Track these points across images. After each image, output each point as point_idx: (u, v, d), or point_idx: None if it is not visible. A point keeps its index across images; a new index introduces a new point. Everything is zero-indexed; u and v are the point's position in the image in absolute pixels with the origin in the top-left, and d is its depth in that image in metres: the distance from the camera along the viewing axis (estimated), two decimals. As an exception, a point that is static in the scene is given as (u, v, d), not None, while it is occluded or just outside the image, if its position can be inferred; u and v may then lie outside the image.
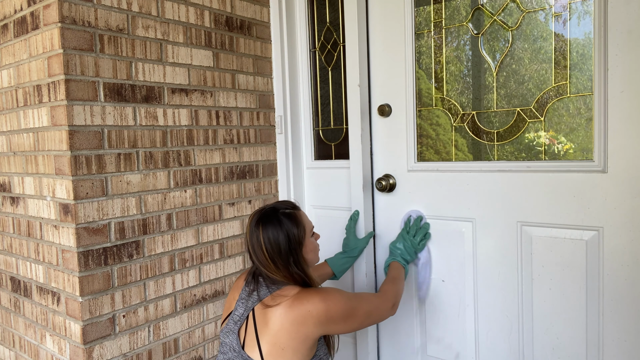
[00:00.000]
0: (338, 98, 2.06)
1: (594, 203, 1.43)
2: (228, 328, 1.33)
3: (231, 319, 1.33)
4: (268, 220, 1.31)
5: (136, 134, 1.59)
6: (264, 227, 1.30)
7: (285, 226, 1.30)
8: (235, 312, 1.33)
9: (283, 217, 1.32)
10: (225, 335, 1.33)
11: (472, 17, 1.66)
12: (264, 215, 1.32)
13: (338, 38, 2.04)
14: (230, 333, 1.32)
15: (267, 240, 1.29)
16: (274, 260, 1.29)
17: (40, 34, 1.46)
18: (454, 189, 1.71)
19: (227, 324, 1.34)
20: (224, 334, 1.34)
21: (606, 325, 1.44)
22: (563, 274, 1.50)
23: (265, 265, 1.30)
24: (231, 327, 1.32)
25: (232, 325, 1.32)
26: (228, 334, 1.32)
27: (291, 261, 1.30)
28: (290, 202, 1.39)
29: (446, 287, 1.76)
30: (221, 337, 1.35)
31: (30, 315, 1.69)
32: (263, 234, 1.29)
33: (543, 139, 1.54)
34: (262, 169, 2.07)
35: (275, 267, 1.29)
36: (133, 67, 1.58)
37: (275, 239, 1.29)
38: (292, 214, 1.34)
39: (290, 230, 1.30)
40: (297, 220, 1.33)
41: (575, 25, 1.46)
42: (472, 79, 1.69)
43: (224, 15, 1.89)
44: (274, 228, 1.30)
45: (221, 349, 1.34)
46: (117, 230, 1.54)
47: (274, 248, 1.29)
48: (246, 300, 1.32)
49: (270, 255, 1.29)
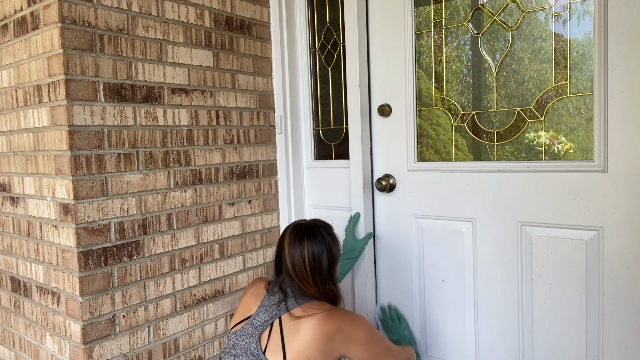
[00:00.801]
0: (338, 98, 2.06)
1: (594, 203, 1.43)
2: (245, 331, 1.33)
3: (250, 324, 1.33)
4: (312, 235, 1.34)
5: (136, 134, 1.59)
6: (309, 242, 1.33)
7: (327, 243, 1.35)
8: (256, 318, 1.33)
9: (326, 234, 1.36)
10: (241, 338, 1.33)
11: (472, 17, 1.66)
12: (309, 230, 1.35)
13: (338, 38, 2.04)
14: (247, 337, 1.31)
15: (312, 255, 1.32)
16: (314, 275, 1.32)
17: (40, 34, 1.46)
18: (454, 189, 1.71)
19: (245, 328, 1.34)
20: (239, 337, 1.33)
21: (606, 325, 1.44)
22: (563, 274, 1.50)
23: (303, 279, 1.32)
24: (249, 331, 1.32)
25: (251, 330, 1.31)
26: (245, 337, 1.32)
27: (328, 277, 1.34)
28: (323, 221, 1.42)
29: (446, 287, 1.76)
30: (233, 339, 1.34)
31: (30, 315, 1.69)
32: (308, 248, 1.32)
33: (543, 139, 1.54)
34: (262, 169, 2.07)
35: (313, 281, 1.32)
36: (133, 67, 1.58)
37: (319, 255, 1.32)
38: (332, 231, 1.39)
39: (330, 248, 1.35)
40: (335, 238, 1.39)
41: (575, 25, 1.46)
42: (472, 79, 1.69)
43: (224, 15, 1.89)
44: (317, 244, 1.33)
45: (232, 350, 1.33)
46: (117, 230, 1.54)
47: (316, 263, 1.32)
48: (271, 309, 1.33)
49: (311, 269, 1.32)
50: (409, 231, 1.83)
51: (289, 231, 1.37)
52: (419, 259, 1.82)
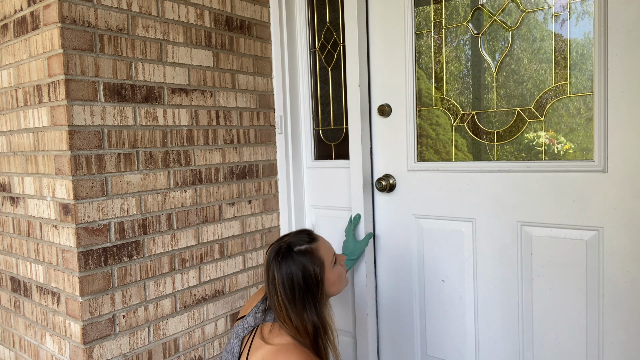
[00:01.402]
0: (338, 98, 2.06)
1: (594, 203, 1.43)
2: (236, 330, 1.34)
3: (241, 324, 1.34)
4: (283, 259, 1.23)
5: (136, 134, 1.59)
6: (279, 267, 1.23)
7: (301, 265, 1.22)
8: (246, 319, 1.34)
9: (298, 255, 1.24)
10: (233, 337, 1.35)
11: (472, 17, 1.66)
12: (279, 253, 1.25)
13: (338, 38, 2.04)
14: (236, 337, 1.33)
15: (282, 284, 1.22)
16: (286, 307, 1.21)
17: (40, 34, 1.46)
18: (454, 189, 1.71)
19: (237, 326, 1.35)
20: (233, 334, 1.35)
21: (606, 325, 1.44)
22: (563, 274, 1.50)
23: (277, 309, 1.23)
24: (239, 332, 1.33)
25: (240, 331, 1.32)
26: (234, 336, 1.34)
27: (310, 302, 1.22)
28: (305, 234, 1.31)
29: (446, 287, 1.76)
30: (229, 335, 1.37)
31: (30, 315, 1.69)
32: (278, 274, 1.23)
33: (543, 139, 1.54)
34: (262, 169, 2.07)
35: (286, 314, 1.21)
36: (133, 67, 1.58)
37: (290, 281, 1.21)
38: (308, 250, 1.25)
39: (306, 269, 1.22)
40: (314, 257, 1.25)
41: (575, 26, 1.46)
42: (472, 79, 1.69)
43: (224, 15, 1.89)
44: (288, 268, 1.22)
45: (227, 346, 1.36)
46: (117, 230, 1.54)
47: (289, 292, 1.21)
48: (258, 314, 1.31)
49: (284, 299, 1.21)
50: (409, 231, 1.83)
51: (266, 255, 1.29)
52: (419, 259, 1.82)
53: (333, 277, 1.30)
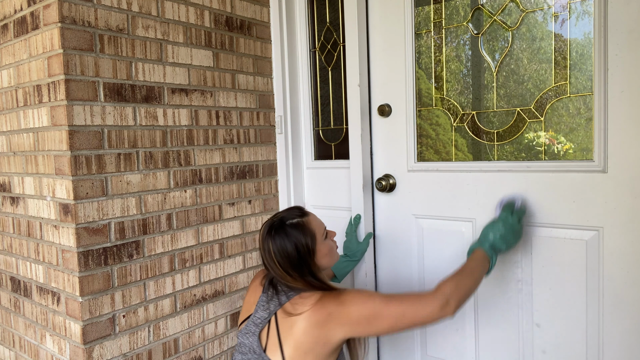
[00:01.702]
0: (338, 98, 2.06)
1: (594, 203, 1.43)
2: (248, 329, 1.34)
3: (251, 321, 1.34)
4: (276, 233, 1.31)
5: (136, 134, 1.59)
6: (273, 240, 1.31)
7: (293, 238, 1.30)
8: (255, 315, 1.34)
9: (290, 228, 1.31)
10: (245, 337, 1.34)
11: (472, 17, 1.66)
12: (272, 228, 1.33)
13: (338, 38, 2.04)
14: (250, 335, 1.32)
15: (278, 254, 1.30)
16: (288, 272, 1.30)
17: (40, 34, 1.46)
18: (454, 189, 1.71)
19: (247, 326, 1.35)
20: (243, 335, 1.34)
21: (606, 325, 1.44)
22: (563, 274, 1.50)
23: (282, 277, 1.31)
24: (252, 329, 1.32)
25: (253, 328, 1.32)
26: (248, 336, 1.33)
27: (305, 271, 1.30)
28: (297, 210, 1.39)
29: (446, 287, 1.76)
30: (239, 337, 1.36)
31: (30, 315, 1.69)
32: (272, 247, 1.31)
33: (543, 139, 1.54)
34: (262, 169, 2.07)
35: (291, 277, 1.30)
36: (133, 67, 1.58)
37: (285, 252, 1.29)
38: (299, 223, 1.32)
39: (298, 241, 1.30)
40: (304, 229, 1.32)
41: (575, 25, 1.46)
42: (472, 79, 1.69)
43: (224, 15, 1.89)
44: (282, 240, 1.30)
45: (239, 349, 1.35)
46: (117, 230, 1.54)
47: (285, 260, 1.29)
48: (267, 304, 1.33)
49: (283, 267, 1.30)
50: (409, 231, 1.84)
51: (260, 230, 1.37)
52: (419, 259, 1.82)
53: (324, 249, 1.36)
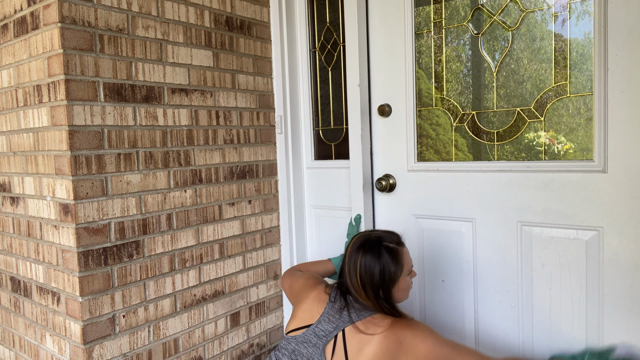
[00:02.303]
0: (338, 98, 2.06)
1: (594, 203, 1.43)
2: (306, 339, 1.31)
3: (312, 332, 1.31)
4: (370, 249, 1.31)
5: (136, 134, 1.59)
6: (364, 254, 1.31)
7: (383, 260, 1.30)
8: (318, 326, 1.32)
9: (385, 250, 1.31)
10: (302, 345, 1.31)
11: (472, 17, 1.66)
12: (367, 242, 1.32)
13: (338, 38, 2.04)
14: (310, 345, 1.30)
15: (363, 268, 1.30)
16: (365, 288, 1.30)
17: (40, 34, 1.46)
18: (454, 189, 1.71)
19: (306, 335, 1.32)
20: (300, 344, 1.31)
21: (606, 325, 1.44)
22: (563, 274, 1.50)
23: (356, 290, 1.31)
24: (312, 340, 1.30)
25: (315, 339, 1.30)
26: (307, 345, 1.30)
27: (380, 295, 1.30)
28: (396, 236, 1.38)
29: (446, 287, 1.76)
30: (293, 344, 1.32)
31: (30, 315, 1.69)
32: (361, 260, 1.30)
33: (543, 139, 1.54)
34: (262, 169, 2.07)
35: (365, 294, 1.30)
36: (133, 67, 1.58)
37: (371, 270, 1.29)
38: (394, 250, 1.33)
39: (387, 266, 1.30)
40: (397, 258, 1.32)
41: (575, 25, 1.46)
42: (472, 79, 1.69)
43: (224, 15, 1.89)
44: (372, 258, 1.30)
45: (292, 355, 1.32)
46: (117, 230, 1.54)
47: (367, 277, 1.29)
48: (334, 318, 1.31)
49: (362, 282, 1.30)
50: (409, 231, 1.83)
51: (354, 238, 1.37)
52: (419, 259, 1.82)
53: (404, 285, 1.36)
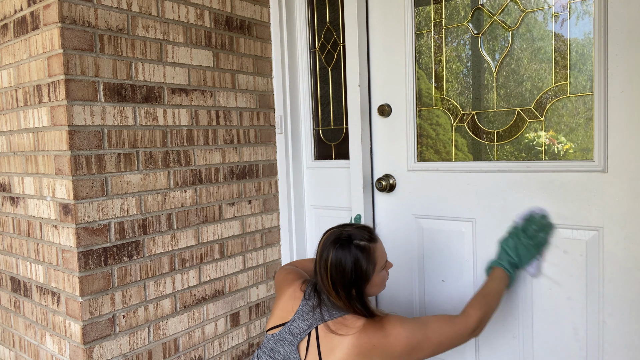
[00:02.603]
0: (338, 98, 2.06)
1: (594, 203, 1.43)
2: (282, 337, 1.31)
3: (287, 330, 1.31)
4: (340, 247, 1.27)
5: (136, 134, 1.59)
6: (335, 252, 1.27)
7: (354, 259, 1.26)
8: (293, 324, 1.31)
9: (356, 249, 1.27)
10: (279, 343, 1.31)
11: (472, 17, 1.66)
12: (337, 241, 1.29)
13: (338, 38, 2.04)
14: (286, 343, 1.30)
15: (334, 269, 1.26)
16: (336, 288, 1.26)
17: (40, 34, 1.46)
18: (454, 189, 1.71)
19: (282, 333, 1.32)
20: (277, 341, 1.32)
21: (606, 325, 1.44)
22: (563, 274, 1.50)
23: (327, 290, 1.28)
24: (288, 338, 1.30)
25: (290, 337, 1.30)
26: (283, 343, 1.30)
27: (352, 294, 1.27)
28: (367, 232, 1.34)
29: (446, 287, 1.76)
30: (271, 342, 1.32)
31: (30, 315, 1.69)
32: (332, 260, 1.27)
33: (543, 139, 1.54)
34: (262, 169, 2.07)
35: (336, 294, 1.27)
36: (133, 67, 1.58)
37: (342, 270, 1.25)
38: (366, 248, 1.29)
39: (359, 265, 1.26)
40: (369, 256, 1.29)
41: (575, 25, 1.46)
42: (472, 79, 1.69)
43: (224, 15, 1.89)
44: (343, 257, 1.26)
45: (270, 353, 1.32)
46: (117, 230, 1.54)
47: (338, 278, 1.26)
48: (308, 315, 1.31)
49: (333, 282, 1.26)
50: (409, 231, 1.84)
51: (325, 236, 1.34)
52: (419, 259, 1.82)
53: (378, 280, 1.33)
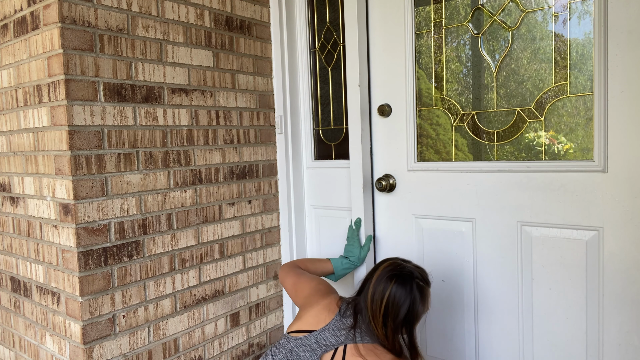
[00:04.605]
0: (338, 98, 2.06)
1: (594, 203, 1.43)
2: (307, 343, 1.32)
3: (314, 338, 1.32)
4: (402, 282, 1.28)
5: (136, 134, 1.59)
6: (396, 285, 1.27)
7: (413, 297, 1.27)
8: (321, 334, 1.32)
9: (416, 288, 1.28)
10: (301, 348, 1.31)
11: (472, 17, 1.66)
12: (401, 275, 1.29)
13: (338, 38, 2.04)
14: (309, 350, 1.30)
15: (392, 300, 1.26)
16: (385, 319, 1.27)
17: (40, 34, 1.46)
18: (454, 189, 1.71)
19: (307, 339, 1.32)
20: (300, 345, 1.32)
21: (606, 325, 1.44)
22: (563, 274, 1.50)
23: (374, 317, 1.28)
24: (312, 346, 1.31)
25: (314, 346, 1.30)
26: (306, 350, 1.31)
27: (401, 330, 1.28)
28: (425, 273, 1.36)
29: (446, 287, 1.76)
30: (292, 344, 1.33)
31: (30, 315, 1.69)
32: (391, 291, 1.27)
33: (543, 139, 1.54)
34: (262, 169, 2.07)
35: (383, 324, 1.27)
36: (133, 67, 1.58)
37: (399, 304, 1.26)
38: (425, 290, 1.31)
39: (415, 304, 1.27)
40: (425, 297, 1.31)
41: (575, 25, 1.46)
42: (472, 79, 1.69)
43: (224, 15, 1.89)
44: (404, 293, 1.27)
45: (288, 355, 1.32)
46: (117, 230, 1.54)
47: (393, 310, 1.26)
48: (339, 331, 1.31)
49: (385, 313, 1.26)
50: (409, 231, 1.84)
51: (386, 263, 1.34)
52: (419, 259, 1.82)
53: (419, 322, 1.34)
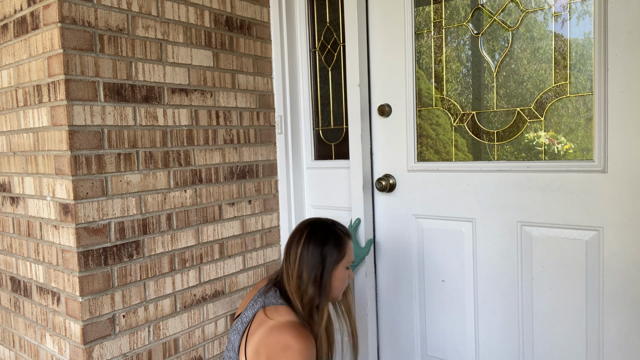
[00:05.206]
0: (338, 98, 2.06)
1: (594, 203, 1.43)
2: (235, 327, 1.37)
3: (240, 320, 1.37)
4: (319, 227, 1.34)
5: (136, 134, 1.59)
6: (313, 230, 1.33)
7: (331, 240, 1.33)
8: (245, 313, 1.37)
9: (332, 234, 1.34)
10: (232, 333, 1.37)
11: (472, 17, 1.66)
12: (319, 222, 1.36)
13: (338, 38, 2.04)
14: (236, 332, 1.35)
15: (307, 245, 1.31)
16: (301, 269, 1.30)
17: (40, 34, 1.46)
18: (454, 189, 1.71)
19: (236, 324, 1.38)
20: (232, 332, 1.38)
21: (606, 325, 1.44)
22: (563, 274, 1.50)
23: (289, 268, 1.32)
24: (238, 327, 1.35)
25: (240, 326, 1.35)
26: (234, 333, 1.36)
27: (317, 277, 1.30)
28: (345, 228, 1.41)
29: (446, 287, 1.76)
30: (230, 335, 1.39)
31: (30, 315, 1.69)
32: (307, 236, 1.32)
33: (543, 139, 1.54)
34: (262, 169, 2.07)
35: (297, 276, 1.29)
36: (133, 67, 1.58)
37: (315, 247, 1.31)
38: (342, 236, 1.36)
39: (332, 247, 1.32)
40: (342, 244, 1.35)
41: (575, 25, 1.46)
42: (472, 79, 1.69)
43: (224, 15, 1.89)
44: (322, 236, 1.33)
45: (228, 346, 1.38)
46: (117, 230, 1.54)
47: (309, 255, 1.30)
48: (254, 304, 1.35)
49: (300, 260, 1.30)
50: (409, 231, 1.84)
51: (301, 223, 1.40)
52: (419, 259, 1.82)
53: (341, 275, 1.36)
